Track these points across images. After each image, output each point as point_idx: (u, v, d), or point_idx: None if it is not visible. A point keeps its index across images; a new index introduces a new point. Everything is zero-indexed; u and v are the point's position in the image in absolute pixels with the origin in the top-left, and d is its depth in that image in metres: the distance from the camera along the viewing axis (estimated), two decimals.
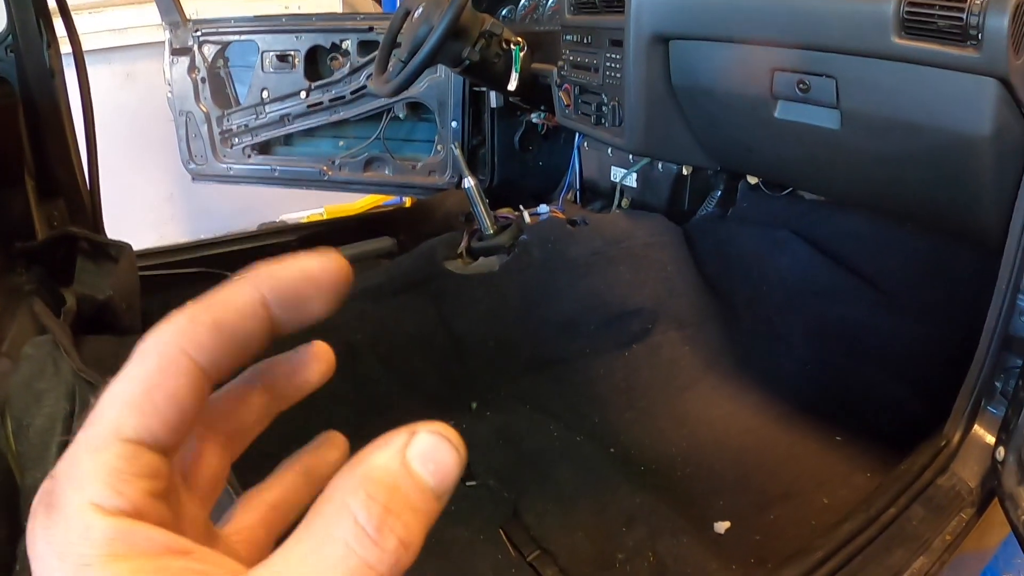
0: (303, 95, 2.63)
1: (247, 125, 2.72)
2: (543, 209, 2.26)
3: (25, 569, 1.07)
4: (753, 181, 2.08)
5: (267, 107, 2.68)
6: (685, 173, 2.21)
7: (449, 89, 2.54)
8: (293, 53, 2.62)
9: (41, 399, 1.32)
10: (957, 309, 1.70)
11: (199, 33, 2.64)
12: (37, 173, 1.90)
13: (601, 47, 1.79)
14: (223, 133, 2.73)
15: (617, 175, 2.37)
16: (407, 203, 3.02)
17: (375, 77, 2.09)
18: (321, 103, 2.63)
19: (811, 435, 1.66)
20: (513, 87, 2.09)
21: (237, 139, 2.75)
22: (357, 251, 2.18)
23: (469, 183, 2.05)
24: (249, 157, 2.76)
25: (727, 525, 1.44)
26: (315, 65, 2.66)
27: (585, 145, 2.50)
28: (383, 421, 1.25)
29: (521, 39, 2.09)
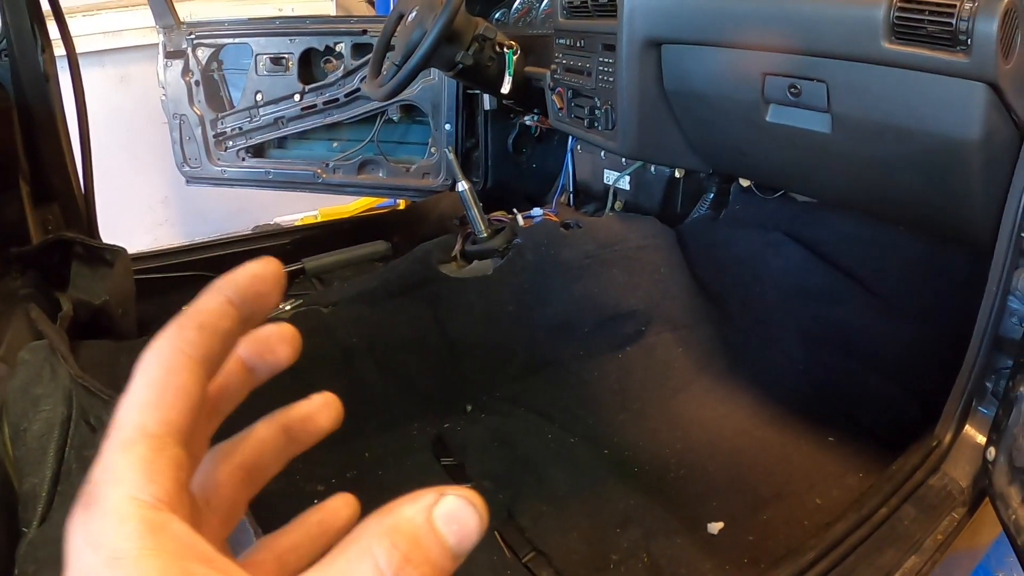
0: (297, 98, 2.64)
1: (241, 128, 2.72)
2: (537, 212, 2.26)
3: (24, 574, 1.07)
4: (745, 183, 2.09)
5: (261, 110, 2.68)
6: (678, 176, 2.22)
7: (443, 92, 2.54)
8: (287, 56, 2.62)
9: (38, 404, 1.32)
10: (949, 310, 1.71)
11: (193, 36, 2.64)
12: (32, 178, 1.90)
13: (594, 51, 1.79)
14: (217, 136, 2.74)
15: (610, 178, 2.37)
16: (401, 205, 3.03)
17: (369, 81, 2.09)
18: (315, 106, 2.63)
19: (804, 436, 1.67)
20: (506, 90, 2.09)
21: (231, 142, 2.75)
22: (352, 255, 2.18)
23: (463, 186, 2.05)
24: (243, 160, 2.76)
25: (720, 526, 1.45)
26: (309, 68, 2.66)
27: (578, 148, 2.50)
28: (378, 424, 1.26)
29: (514, 43, 2.10)
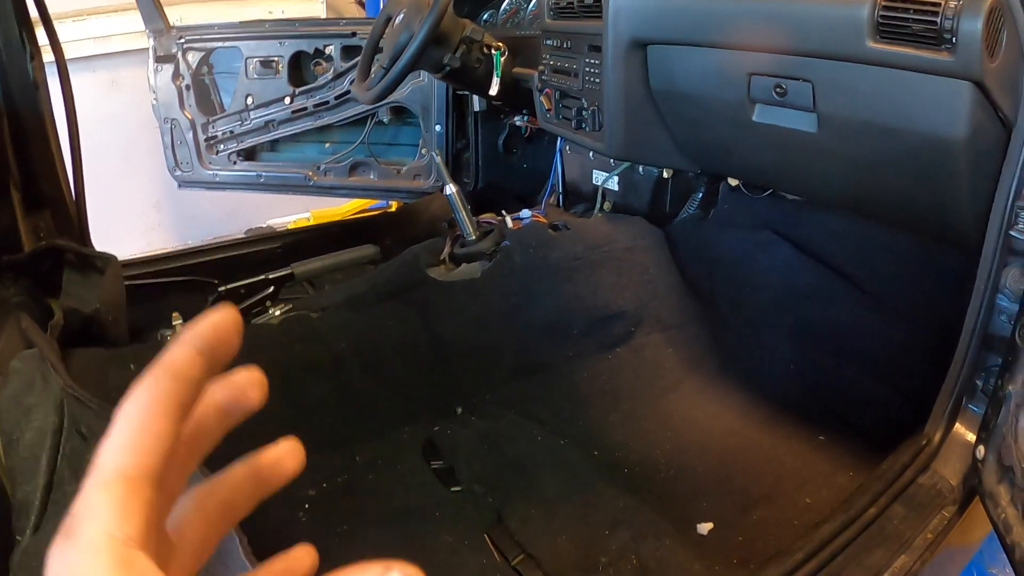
0: (287, 101, 2.64)
1: (232, 131, 2.72)
2: (525, 214, 2.26)
3: None
4: (734, 183, 2.08)
5: (252, 113, 2.68)
6: (666, 176, 2.21)
7: (432, 93, 2.54)
8: (277, 59, 2.62)
9: (30, 413, 1.32)
10: (938, 308, 1.70)
11: (183, 40, 2.64)
12: (22, 185, 1.89)
13: (580, 52, 1.79)
14: (208, 140, 2.74)
15: (599, 178, 2.37)
16: (393, 207, 3.03)
17: (357, 84, 2.09)
18: (305, 108, 2.63)
19: (794, 435, 1.67)
20: (495, 92, 2.09)
21: (222, 145, 2.75)
22: (341, 259, 2.18)
23: (450, 189, 2.05)
24: (235, 163, 2.77)
25: (710, 526, 1.45)
26: (299, 71, 2.67)
27: (567, 149, 2.50)
28: (369, 428, 1.27)
29: (502, 44, 2.09)
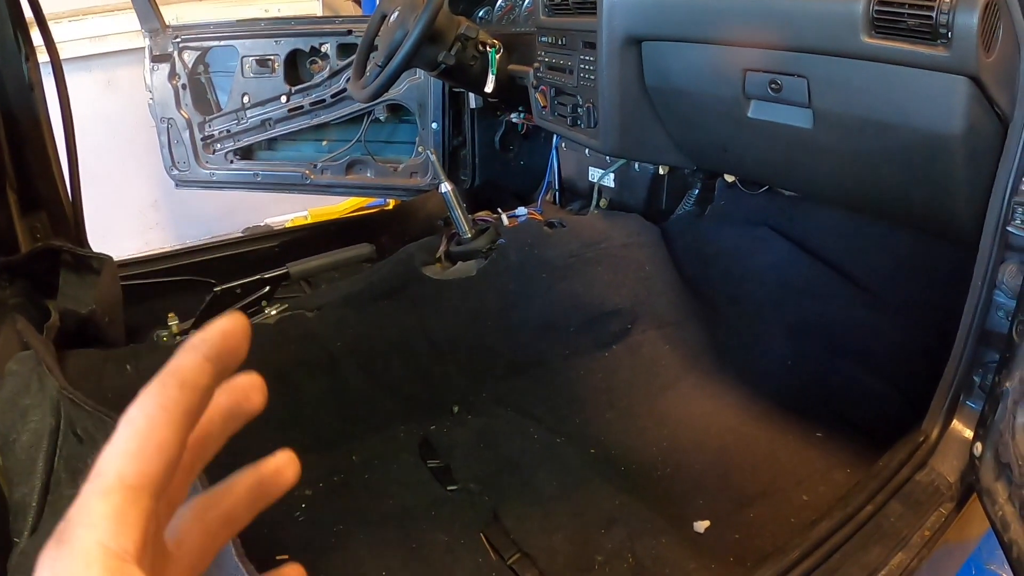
0: (284, 99, 2.64)
1: (229, 130, 2.72)
2: (521, 212, 2.25)
3: None
4: (730, 179, 2.08)
5: (248, 112, 2.68)
6: (662, 173, 2.20)
7: (429, 91, 2.54)
8: (273, 57, 2.62)
9: (26, 415, 1.32)
10: (935, 304, 1.70)
11: (179, 39, 2.64)
12: (18, 186, 1.89)
13: (575, 49, 1.79)
14: (205, 139, 2.74)
15: (595, 175, 2.37)
16: (390, 205, 3.03)
17: (353, 82, 2.09)
18: (302, 107, 2.63)
19: (791, 432, 1.66)
20: (490, 89, 2.09)
21: (219, 144, 2.75)
22: (337, 258, 2.18)
23: (446, 187, 2.04)
24: (231, 162, 2.77)
25: (707, 524, 1.45)
26: (295, 69, 2.66)
27: (563, 146, 2.50)
28: (365, 427, 1.27)
29: (497, 41, 2.09)
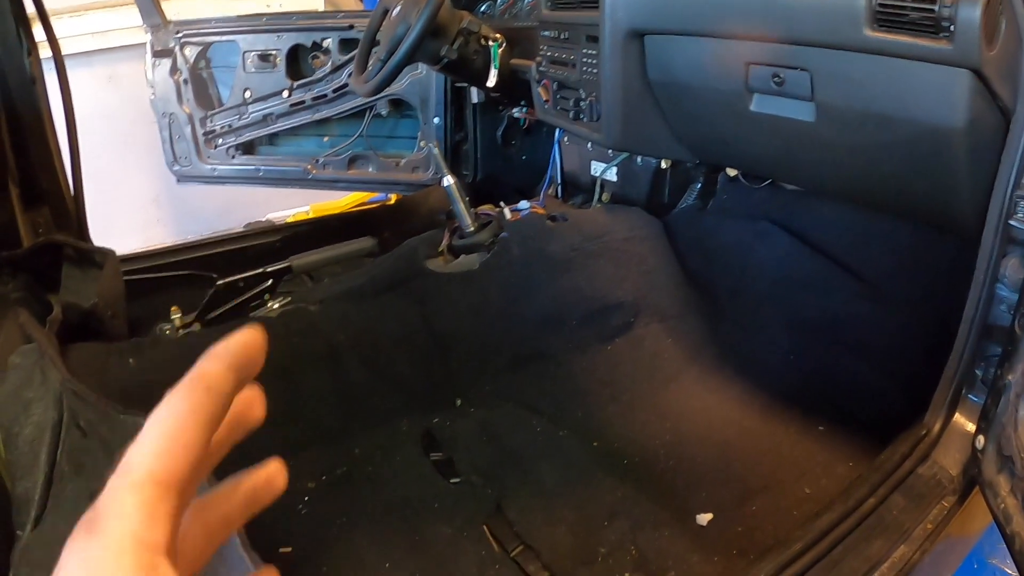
0: (285, 94, 2.64)
1: (230, 125, 2.72)
2: (524, 205, 2.25)
3: None
4: (733, 173, 2.08)
5: (250, 107, 2.68)
6: (664, 166, 2.20)
7: (431, 86, 2.54)
8: (274, 53, 2.62)
9: (29, 408, 1.33)
10: (937, 298, 1.70)
11: (180, 34, 2.64)
12: (21, 181, 1.90)
13: (578, 43, 1.78)
14: (207, 134, 2.74)
15: (597, 169, 2.37)
16: (392, 200, 3.03)
17: (355, 76, 2.09)
18: (303, 102, 2.63)
19: (793, 426, 1.66)
20: (492, 84, 2.09)
21: (221, 140, 2.75)
22: (339, 252, 2.18)
23: (449, 181, 2.05)
24: (233, 157, 2.77)
25: (709, 517, 1.45)
26: (297, 64, 2.66)
27: (565, 140, 2.49)
28: (368, 420, 1.28)
29: (499, 35, 2.09)
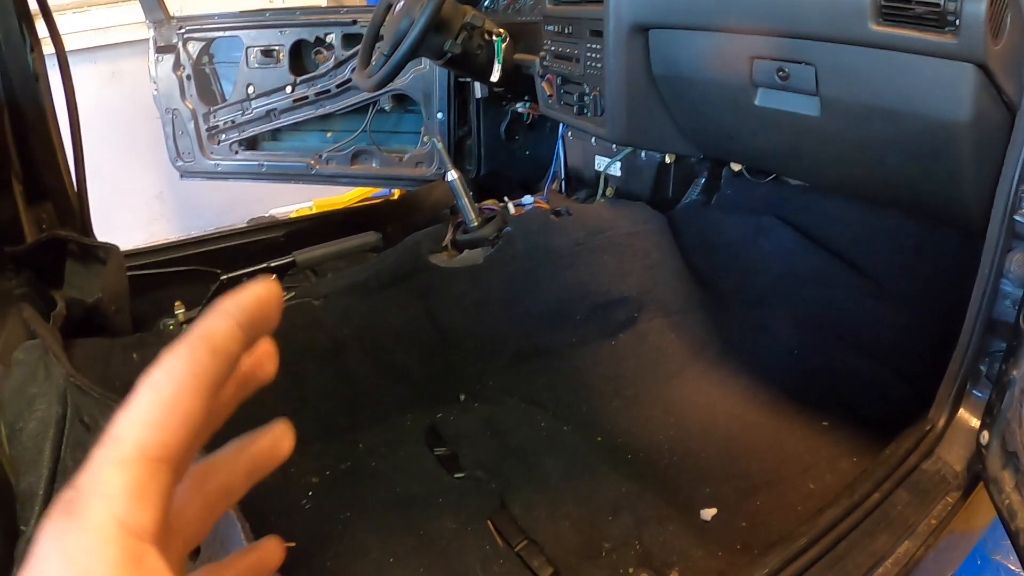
0: (288, 90, 2.64)
1: (233, 121, 2.72)
2: (528, 200, 2.26)
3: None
4: (737, 168, 2.08)
5: (253, 103, 2.68)
6: (668, 161, 2.20)
7: (434, 80, 2.54)
8: (278, 48, 2.62)
9: (33, 403, 1.33)
10: (942, 293, 1.69)
11: (183, 30, 2.64)
12: (24, 177, 1.90)
13: (582, 37, 1.78)
14: (210, 130, 2.74)
15: (601, 164, 2.36)
16: (395, 195, 3.03)
17: (358, 71, 2.09)
18: (307, 97, 2.63)
19: (797, 421, 1.66)
20: (496, 78, 2.09)
21: (224, 135, 2.75)
22: (343, 247, 2.18)
23: (453, 176, 2.04)
24: (236, 153, 2.77)
25: (713, 512, 1.45)
26: (300, 59, 2.67)
27: (569, 135, 2.49)
28: (371, 415, 1.28)
29: (503, 30, 2.08)
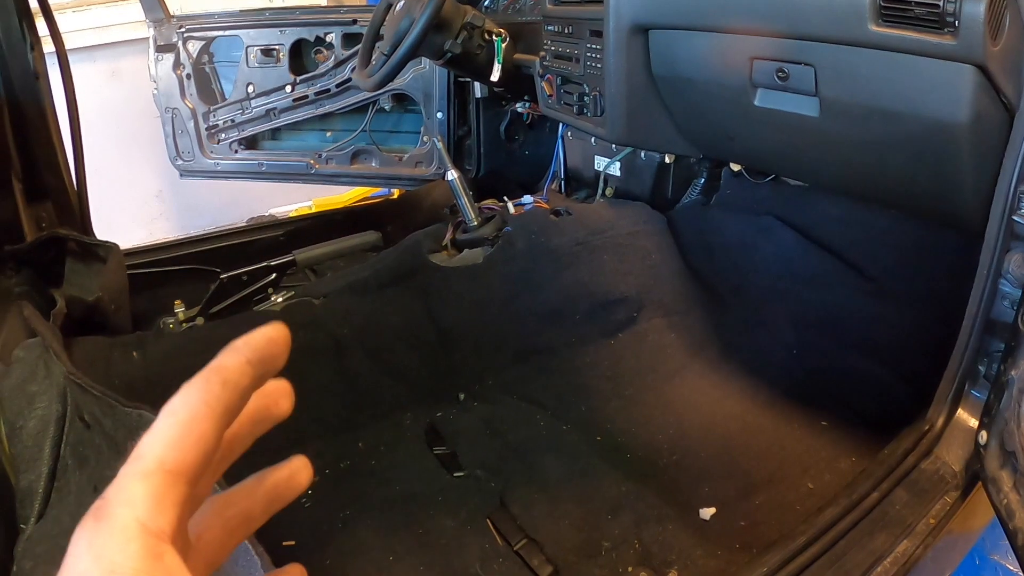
0: (288, 89, 2.64)
1: (233, 120, 2.72)
2: (527, 200, 2.26)
3: (22, 570, 1.07)
4: (736, 168, 2.08)
5: (253, 102, 2.69)
6: (668, 161, 2.21)
7: (434, 80, 2.54)
8: (277, 47, 2.62)
9: (33, 402, 1.33)
10: (941, 294, 1.70)
11: (183, 29, 2.64)
12: (24, 176, 1.90)
13: (582, 37, 1.78)
14: (209, 129, 2.74)
15: (601, 164, 2.36)
16: (395, 195, 3.03)
17: (358, 71, 2.09)
18: (306, 97, 2.63)
19: (796, 420, 1.66)
20: (496, 78, 2.09)
21: (224, 134, 2.75)
22: (343, 246, 2.18)
23: (452, 175, 2.05)
24: (236, 152, 2.77)
25: (712, 511, 1.45)
26: (300, 59, 2.67)
27: (569, 135, 2.49)
28: (371, 414, 1.28)
29: (503, 30, 2.09)
